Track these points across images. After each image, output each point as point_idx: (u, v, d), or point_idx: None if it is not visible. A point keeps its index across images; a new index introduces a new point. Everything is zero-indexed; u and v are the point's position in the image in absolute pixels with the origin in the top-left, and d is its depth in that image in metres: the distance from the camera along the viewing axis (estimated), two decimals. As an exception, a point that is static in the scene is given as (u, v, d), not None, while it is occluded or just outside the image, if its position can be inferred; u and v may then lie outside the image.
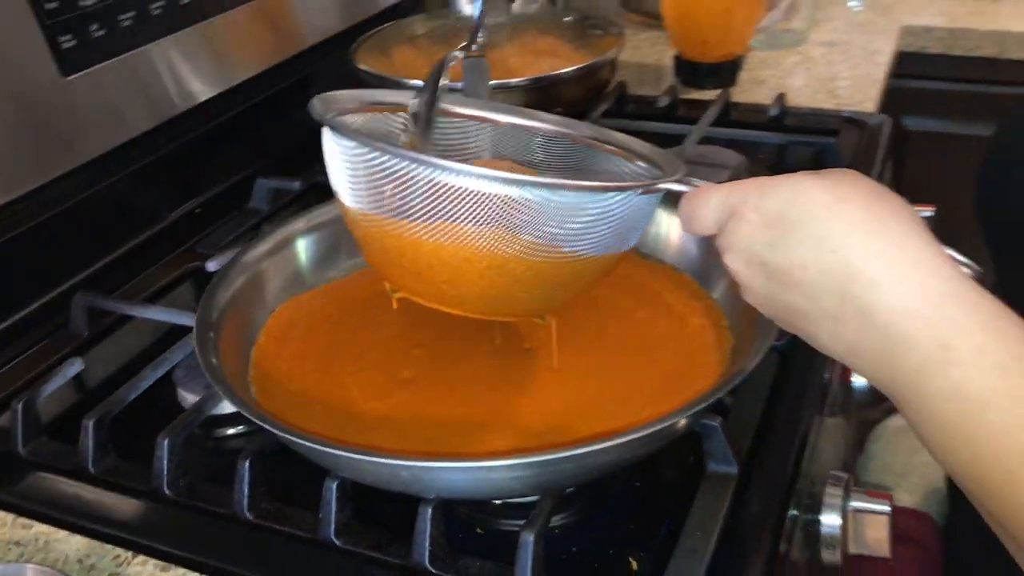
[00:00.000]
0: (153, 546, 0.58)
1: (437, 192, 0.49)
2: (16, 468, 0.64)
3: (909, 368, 0.42)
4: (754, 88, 1.20)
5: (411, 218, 0.50)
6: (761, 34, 1.29)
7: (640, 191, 0.51)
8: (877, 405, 0.82)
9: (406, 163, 0.49)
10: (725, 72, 1.17)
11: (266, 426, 0.52)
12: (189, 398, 0.70)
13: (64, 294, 0.81)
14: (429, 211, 0.49)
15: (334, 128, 0.53)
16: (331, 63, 1.14)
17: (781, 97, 1.08)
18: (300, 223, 0.72)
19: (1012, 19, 1.40)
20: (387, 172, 0.50)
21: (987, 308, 0.42)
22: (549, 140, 0.64)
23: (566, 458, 0.49)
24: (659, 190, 0.52)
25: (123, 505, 0.61)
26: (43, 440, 0.67)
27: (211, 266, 0.81)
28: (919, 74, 1.41)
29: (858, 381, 0.80)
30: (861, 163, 0.98)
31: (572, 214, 0.49)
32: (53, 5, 0.77)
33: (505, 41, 1.08)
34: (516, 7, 1.25)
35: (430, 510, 0.54)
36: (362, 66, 1.03)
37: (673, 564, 0.55)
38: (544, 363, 0.62)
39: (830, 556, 0.66)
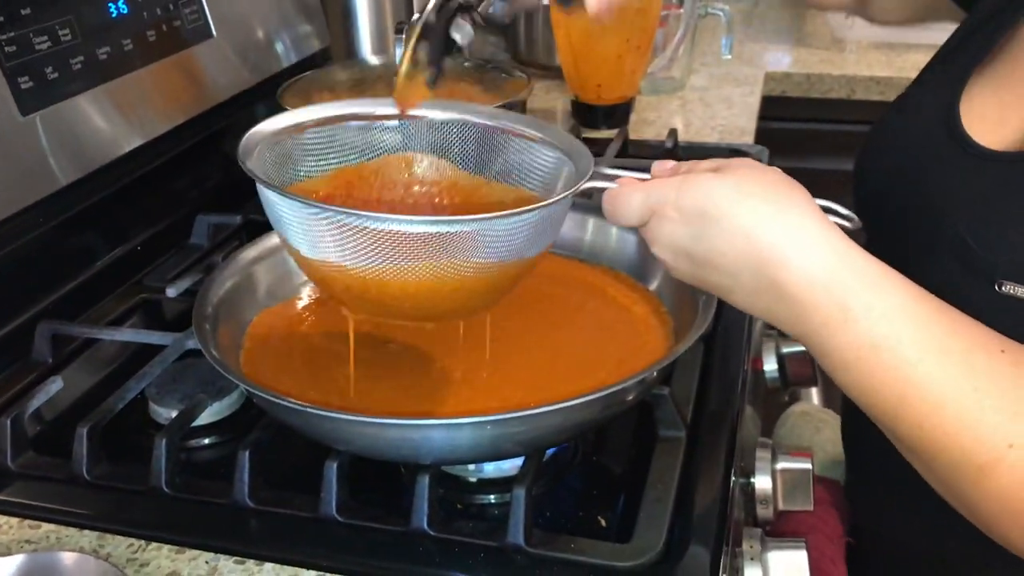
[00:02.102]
0: (162, 536, 0.61)
1: (393, 240, 0.53)
2: (9, 481, 0.67)
3: (816, 326, 0.53)
4: (644, 127, 1.32)
5: (374, 263, 0.54)
6: (645, 81, 1.42)
7: (570, 197, 0.59)
8: (784, 390, 0.93)
9: (363, 220, 0.53)
10: (619, 114, 1.29)
11: (289, 405, 0.57)
12: (163, 413, 0.74)
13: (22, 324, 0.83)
14: (391, 256, 0.54)
15: (285, 195, 0.56)
16: (249, 112, 1.20)
17: (674, 132, 1.20)
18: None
19: (857, 66, 1.58)
20: (343, 228, 0.53)
21: (872, 270, 0.53)
22: (463, 129, 0.68)
23: (555, 411, 0.57)
24: (587, 190, 0.60)
25: (126, 504, 0.64)
26: (31, 454, 0.69)
27: (171, 292, 0.85)
28: (781, 116, 1.57)
29: (768, 367, 0.91)
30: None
31: (516, 231, 0.56)
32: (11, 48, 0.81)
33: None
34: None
35: (428, 476, 0.60)
36: (288, 109, 1.08)
37: (643, 511, 0.62)
38: (508, 349, 0.69)
39: (764, 512, 0.75)
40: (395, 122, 0.68)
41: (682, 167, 0.60)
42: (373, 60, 1.35)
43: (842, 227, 0.55)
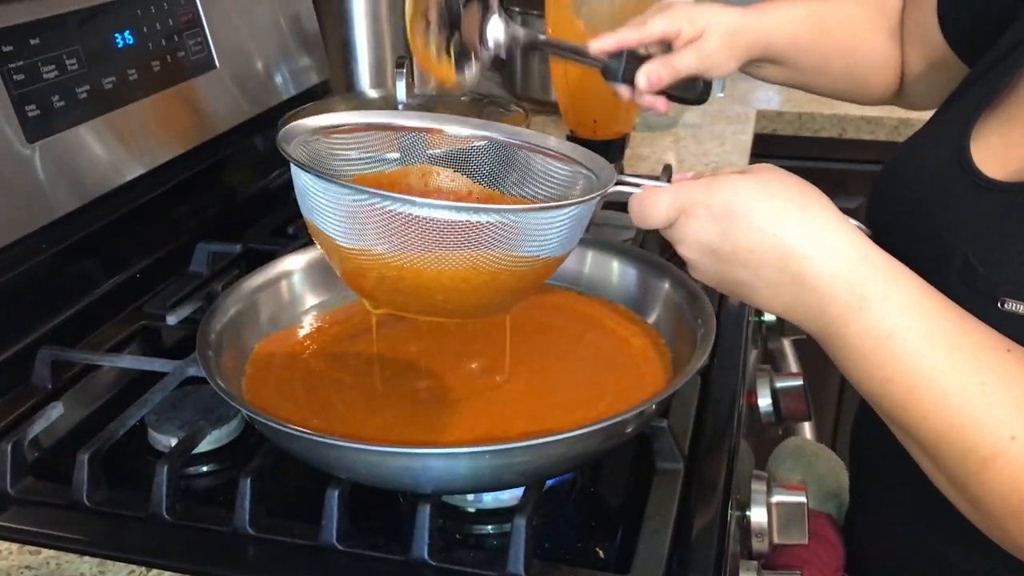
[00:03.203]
0: (163, 563, 0.62)
1: (436, 228, 0.55)
2: (8, 506, 0.67)
3: (833, 316, 0.56)
4: (638, 163, 1.34)
5: (415, 251, 0.56)
6: (639, 118, 1.44)
7: (599, 198, 0.60)
8: (777, 425, 0.93)
9: (408, 205, 0.54)
10: (614, 149, 1.31)
11: (291, 432, 0.57)
12: (162, 440, 0.74)
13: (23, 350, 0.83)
14: (432, 243, 0.55)
15: (321, 177, 0.57)
16: (249, 143, 1.21)
17: (668, 168, 1.20)
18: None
19: (848, 105, 1.60)
20: (388, 215, 0.55)
21: (887, 265, 0.56)
22: (484, 147, 0.69)
23: (556, 442, 0.57)
24: (614, 192, 0.62)
25: (126, 531, 0.65)
26: (30, 480, 0.69)
27: (171, 320, 0.85)
28: (773, 154, 1.59)
29: (763, 401, 0.91)
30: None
31: (554, 225, 0.58)
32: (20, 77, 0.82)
33: (424, 118, 1.18)
34: (416, 89, 1.36)
35: (429, 506, 0.60)
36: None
37: (641, 542, 0.63)
38: (509, 379, 0.70)
39: (759, 545, 0.75)
40: (416, 135, 0.69)
41: (705, 174, 0.62)
42: (372, 93, 1.37)
43: None
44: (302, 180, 0.60)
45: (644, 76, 0.86)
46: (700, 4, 0.89)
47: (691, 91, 0.91)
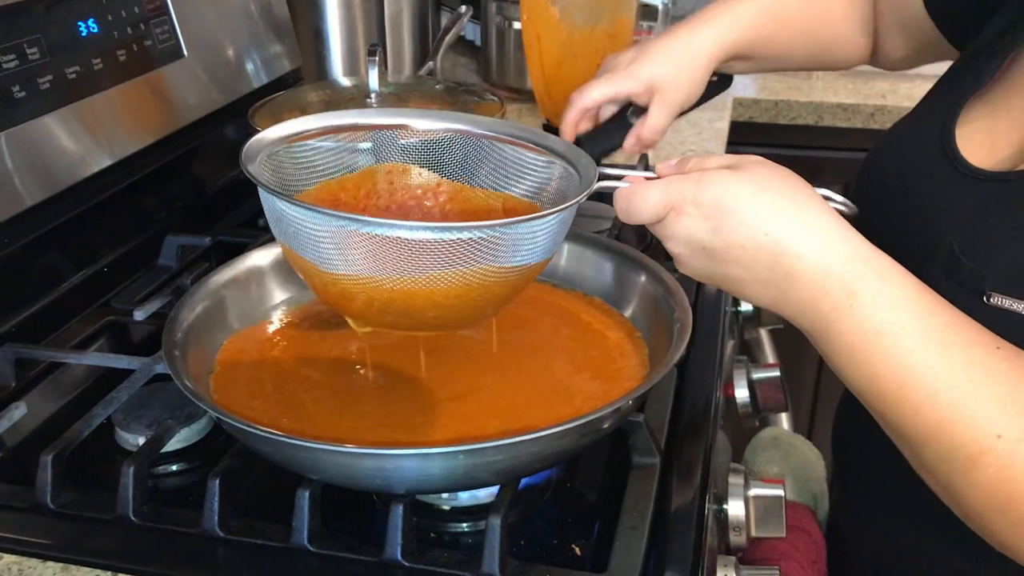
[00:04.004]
0: (130, 567, 0.60)
1: (426, 248, 0.53)
2: (-31, 510, 0.65)
3: (824, 312, 0.56)
4: (615, 153, 1.33)
5: (404, 273, 0.54)
6: (616, 105, 1.42)
7: (584, 199, 0.59)
8: (755, 416, 0.93)
9: (395, 229, 0.53)
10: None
11: (260, 433, 0.56)
12: (129, 439, 0.73)
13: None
14: (422, 264, 0.54)
15: (301, 205, 0.55)
16: (219, 133, 1.19)
17: (644, 157, 1.20)
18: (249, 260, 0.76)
19: (824, 93, 1.60)
20: (375, 240, 0.53)
21: (878, 261, 0.56)
22: (457, 139, 0.68)
23: (530, 441, 0.56)
24: (601, 188, 0.61)
25: (91, 534, 0.63)
26: (-10, 483, 0.67)
27: (138, 315, 0.84)
28: (749, 142, 1.59)
29: (740, 392, 0.91)
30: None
31: (540, 232, 0.57)
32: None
33: (399, 105, 1.16)
34: (389, 77, 1.34)
35: (401, 507, 0.59)
36: (260, 129, 1.08)
37: (618, 539, 0.62)
38: (482, 375, 0.69)
39: (737, 538, 0.75)
40: (381, 133, 0.68)
41: (689, 162, 0.61)
42: (345, 81, 1.35)
43: (840, 213, 0.58)
44: (277, 207, 0.57)
45: (634, 145, 0.91)
46: (640, 53, 0.89)
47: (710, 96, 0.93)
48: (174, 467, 0.73)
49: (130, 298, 0.92)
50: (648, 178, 0.61)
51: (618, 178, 0.62)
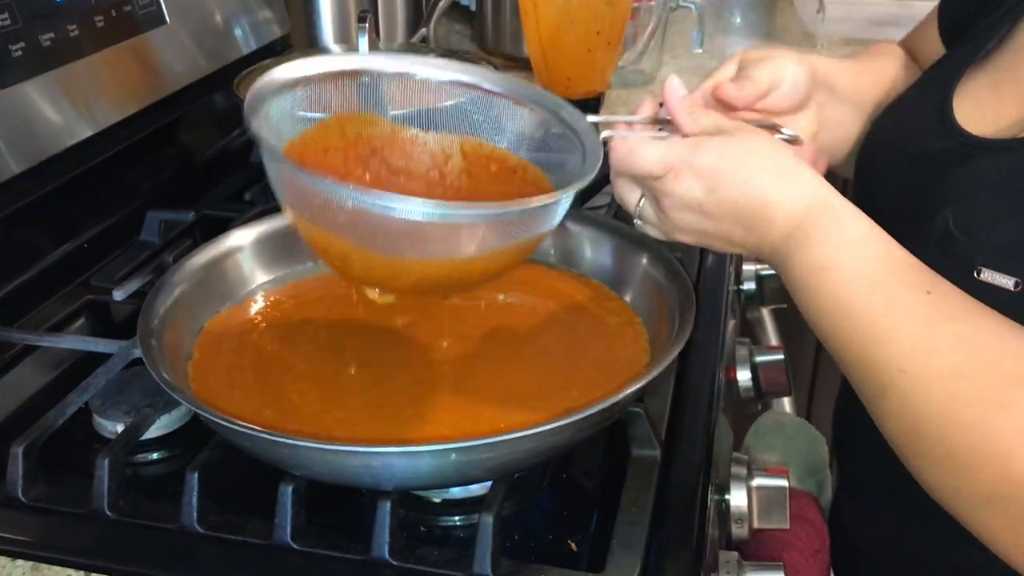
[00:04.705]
0: (103, 565, 0.57)
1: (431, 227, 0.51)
2: (-66, 504, 0.62)
3: (788, 248, 0.60)
4: (614, 122, 1.29)
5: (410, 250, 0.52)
6: (615, 74, 1.38)
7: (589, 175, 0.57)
8: (756, 400, 0.90)
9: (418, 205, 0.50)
10: (588, 108, 1.25)
11: (240, 429, 0.53)
12: (107, 426, 0.70)
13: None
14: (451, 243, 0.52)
15: (325, 181, 0.51)
16: (205, 102, 1.15)
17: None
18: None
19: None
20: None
21: (840, 210, 0.60)
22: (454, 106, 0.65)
23: (525, 437, 0.53)
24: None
25: (64, 529, 0.60)
26: (-42, 474, 0.64)
27: (117, 295, 0.80)
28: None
29: (742, 376, 0.88)
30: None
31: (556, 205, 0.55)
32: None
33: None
34: (381, 44, 1.30)
35: (389, 503, 0.56)
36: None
37: (616, 536, 0.59)
38: (475, 364, 0.66)
39: (739, 531, 0.72)
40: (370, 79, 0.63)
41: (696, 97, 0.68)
42: (335, 48, 1.31)
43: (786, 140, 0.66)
44: (302, 183, 0.53)
45: None
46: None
47: None
48: (154, 455, 0.70)
49: (110, 276, 0.88)
50: (629, 123, 0.65)
51: (607, 125, 0.65)
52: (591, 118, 0.64)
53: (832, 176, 0.69)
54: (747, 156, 0.61)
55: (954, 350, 0.54)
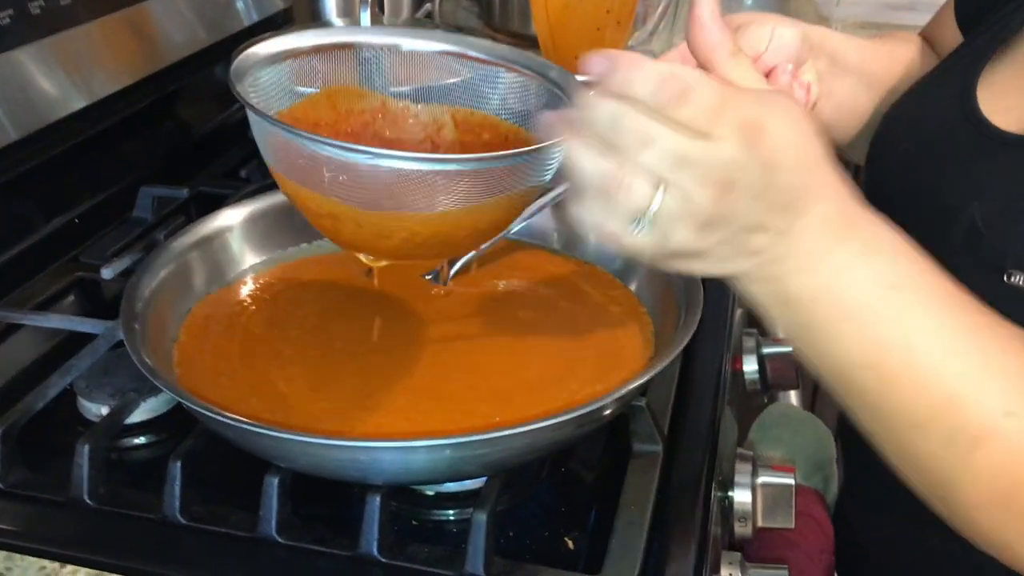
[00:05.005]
0: (80, 556, 0.55)
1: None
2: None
3: (834, 263, 0.48)
4: (623, 103, 1.26)
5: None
6: (625, 53, 1.35)
7: None
8: (762, 392, 0.88)
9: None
10: (597, 88, 1.22)
11: (222, 419, 0.51)
12: (92, 408, 0.67)
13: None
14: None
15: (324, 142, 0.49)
16: (204, 75, 1.13)
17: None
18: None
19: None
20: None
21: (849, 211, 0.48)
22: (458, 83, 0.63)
23: (517, 435, 0.51)
24: None
25: (42, 517, 0.58)
26: (-62, 457, 0.62)
27: (106, 273, 0.78)
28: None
29: (748, 367, 0.85)
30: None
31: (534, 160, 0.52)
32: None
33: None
34: (385, 20, 1.27)
35: (379, 498, 0.54)
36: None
37: (615, 536, 0.57)
38: (471, 353, 0.63)
39: (742, 529, 0.70)
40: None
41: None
42: (338, 23, 1.28)
43: None
44: (288, 141, 0.51)
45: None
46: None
47: None
48: (140, 439, 0.67)
49: (101, 253, 0.86)
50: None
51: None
52: (580, 77, 0.55)
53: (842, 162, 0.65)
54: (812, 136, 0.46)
55: None
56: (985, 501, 0.48)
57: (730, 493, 0.70)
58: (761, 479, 0.70)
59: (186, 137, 1.11)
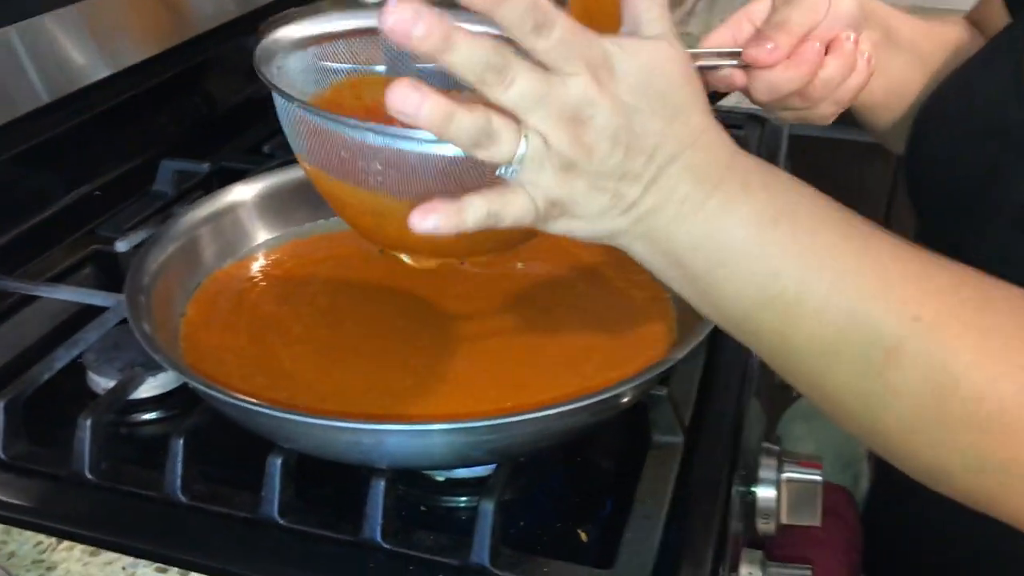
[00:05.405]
0: (78, 532, 0.54)
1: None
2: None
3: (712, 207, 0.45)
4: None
5: None
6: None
7: None
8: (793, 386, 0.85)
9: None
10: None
11: (223, 396, 0.49)
12: (101, 382, 0.66)
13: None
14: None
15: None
16: (232, 47, 1.11)
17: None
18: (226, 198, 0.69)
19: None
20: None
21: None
22: None
23: (526, 421, 0.49)
24: None
25: (41, 491, 0.57)
26: (-56, 428, 0.61)
27: (120, 246, 0.77)
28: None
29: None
30: (767, 157, 1.01)
31: None
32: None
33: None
34: None
35: (383, 482, 0.52)
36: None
37: (629, 530, 0.55)
38: (485, 336, 0.61)
39: (765, 526, 0.67)
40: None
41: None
42: (369, 0, 1.25)
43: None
44: (328, 129, 0.48)
45: None
46: None
47: None
48: (150, 415, 0.66)
49: (118, 226, 0.85)
50: None
51: None
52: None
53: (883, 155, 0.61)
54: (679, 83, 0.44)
55: (961, 287, 0.45)
56: (915, 420, 0.45)
57: (753, 488, 0.68)
58: (787, 475, 0.67)
59: (211, 110, 1.10)
